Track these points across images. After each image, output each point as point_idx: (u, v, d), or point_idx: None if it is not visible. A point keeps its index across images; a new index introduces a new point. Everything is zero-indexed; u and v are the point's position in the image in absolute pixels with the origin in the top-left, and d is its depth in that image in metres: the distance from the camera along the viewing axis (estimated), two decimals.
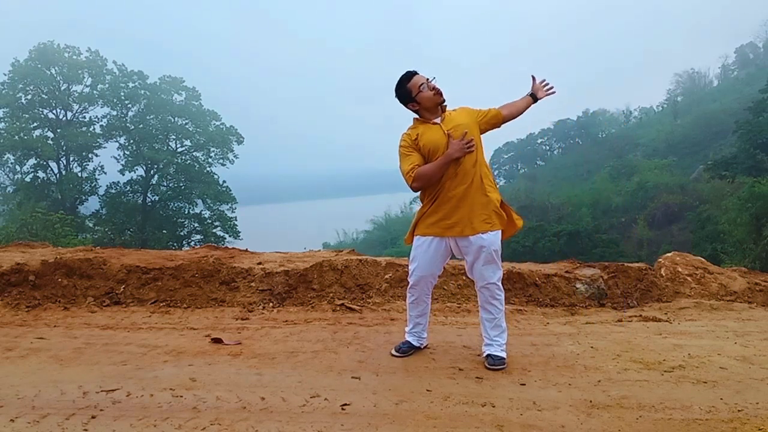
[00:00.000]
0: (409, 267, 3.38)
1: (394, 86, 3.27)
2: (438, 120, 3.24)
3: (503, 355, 3.24)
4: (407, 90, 3.23)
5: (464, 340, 3.75)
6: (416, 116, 3.33)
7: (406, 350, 3.42)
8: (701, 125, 51.02)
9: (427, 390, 2.87)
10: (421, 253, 3.28)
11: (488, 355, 3.24)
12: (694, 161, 44.19)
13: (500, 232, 3.25)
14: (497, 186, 3.37)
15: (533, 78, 3.57)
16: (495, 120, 3.39)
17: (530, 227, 31.50)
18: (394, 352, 3.41)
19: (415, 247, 3.31)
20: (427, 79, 3.21)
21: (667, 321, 4.38)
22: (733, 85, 64.14)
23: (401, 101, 3.30)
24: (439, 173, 3.12)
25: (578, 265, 5.32)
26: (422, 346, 3.49)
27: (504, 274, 4.95)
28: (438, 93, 3.20)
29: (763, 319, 4.45)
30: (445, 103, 3.26)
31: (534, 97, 3.52)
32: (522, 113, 3.50)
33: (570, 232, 29.54)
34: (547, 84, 3.55)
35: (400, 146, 3.25)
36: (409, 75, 3.23)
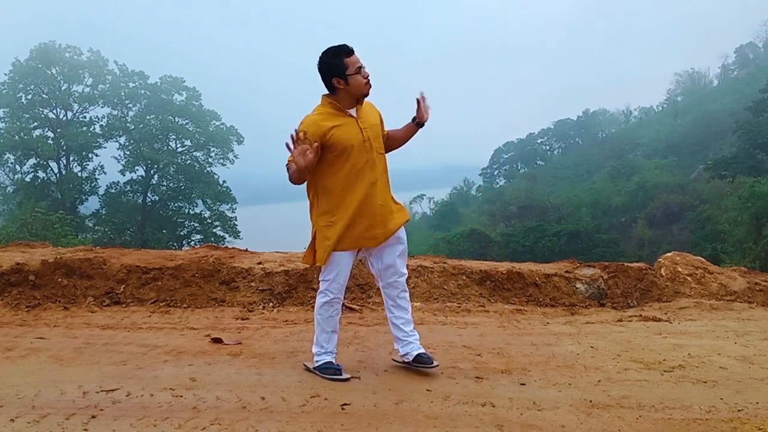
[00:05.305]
0: (327, 279, 2.98)
1: (324, 54, 2.83)
2: (354, 113, 2.90)
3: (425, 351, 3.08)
4: (343, 64, 2.79)
5: (464, 340, 3.75)
6: (328, 97, 2.91)
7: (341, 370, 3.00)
8: (701, 125, 51.07)
9: (427, 390, 2.86)
10: (344, 266, 2.98)
11: (417, 356, 3.03)
12: (694, 161, 44.23)
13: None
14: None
15: (418, 101, 3.07)
16: (385, 141, 3.08)
17: (530, 227, 31.52)
18: (343, 376, 2.97)
19: (335, 262, 2.95)
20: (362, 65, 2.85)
21: (667, 321, 4.38)
22: (733, 85, 64.16)
23: (327, 74, 2.84)
24: (298, 178, 2.80)
25: (578, 265, 5.32)
26: None
27: (504, 273, 4.98)
28: (368, 84, 2.88)
29: (763, 319, 4.45)
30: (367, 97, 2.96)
31: (419, 124, 3.09)
32: (405, 142, 3.14)
33: (570, 232, 29.61)
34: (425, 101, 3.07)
35: (302, 130, 2.76)
36: (349, 50, 2.82)
